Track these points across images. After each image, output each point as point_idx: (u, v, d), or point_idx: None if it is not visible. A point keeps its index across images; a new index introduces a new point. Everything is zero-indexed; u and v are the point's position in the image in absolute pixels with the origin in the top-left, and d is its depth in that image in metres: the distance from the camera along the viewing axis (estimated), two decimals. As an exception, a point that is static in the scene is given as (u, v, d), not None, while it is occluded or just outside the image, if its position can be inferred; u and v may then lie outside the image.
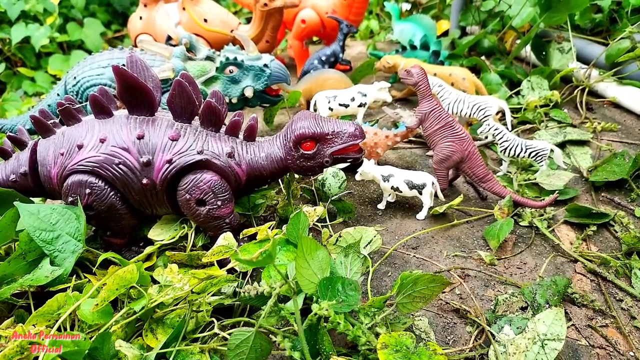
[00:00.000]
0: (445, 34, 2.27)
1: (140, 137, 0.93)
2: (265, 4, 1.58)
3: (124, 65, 1.35)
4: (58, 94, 1.43)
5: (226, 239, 0.90)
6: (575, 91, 1.68)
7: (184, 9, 1.65)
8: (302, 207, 1.07)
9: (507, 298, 0.92)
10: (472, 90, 1.53)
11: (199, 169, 0.95)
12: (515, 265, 1.04)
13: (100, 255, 0.96)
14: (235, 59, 1.33)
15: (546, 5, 1.70)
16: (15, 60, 2.97)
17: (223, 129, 1.01)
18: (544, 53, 1.80)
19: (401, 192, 1.15)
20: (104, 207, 0.95)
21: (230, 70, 1.34)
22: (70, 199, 0.94)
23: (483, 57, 1.86)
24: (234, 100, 1.37)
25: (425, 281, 0.82)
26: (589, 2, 1.67)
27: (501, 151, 1.28)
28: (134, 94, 0.93)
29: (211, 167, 0.96)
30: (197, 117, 1.00)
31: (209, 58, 1.35)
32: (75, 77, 1.37)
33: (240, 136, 1.02)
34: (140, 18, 1.68)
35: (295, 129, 0.97)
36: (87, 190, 0.93)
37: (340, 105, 1.49)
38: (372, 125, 1.35)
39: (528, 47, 1.88)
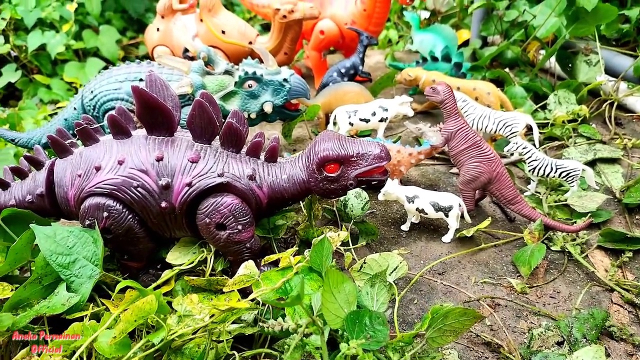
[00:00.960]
0: (466, 43, 2.23)
1: (159, 159, 0.91)
2: (285, 16, 1.55)
3: (141, 80, 1.33)
4: (75, 108, 1.41)
5: (248, 267, 0.87)
6: (604, 105, 1.63)
7: (201, 20, 1.63)
8: (326, 231, 1.04)
9: (542, 332, 0.87)
10: (497, 105, 1.48)
11: (220, 192, 0.93)
12: (548, 294, 1.00)
13: (116, 279, 0.94)
14: (255, 73, 1.30)
15: (573, 17, 1.65)
16: (31, 68, 2.98)
17: (244, 149, 0.99)
18: (570, 65, 1.75)
19: (426, 214, 1.11)
20: (122, 231, 0.92)
21: (249, 85, 1.32)
22: (87, 222, 0.92)
23: (507, 69, 1.81)
24: (253, 116, 1.34)
25: (457, 314, 0.79)
26: (617, 13, 1.62)
27: (530, 170, 1.24)
28: (153, 114, 0.91)
29: (232, 190, 0.93)
30: (217, 137, 0.97)
31: (227, 72, 1.33)
32: (92, 91, 1.36)
33: (262, 157, 0.99)
34: (158, 30, 1.66)
35: (319, 151, 0.94)
36: (105, 214, 0.91)
37: (361, 120, 1.46)
38: (394, 142, 1.31)
39: (552, 58, 1.83)
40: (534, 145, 1.39)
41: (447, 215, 1.10)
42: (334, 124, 1.50)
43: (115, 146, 0.93)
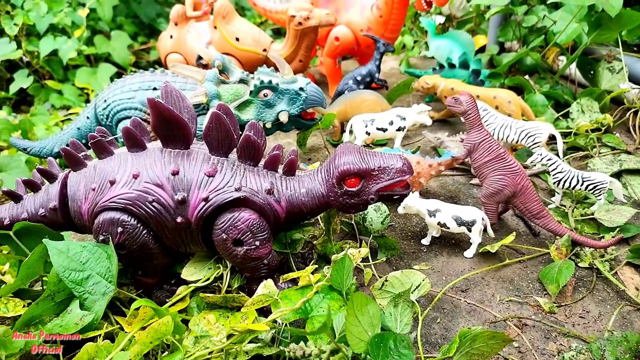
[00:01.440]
0: (482, 49, 2.19)
1: (174, 173, 0.88)
2: (300, 23, 1.53)
3: (155, 88, 1.31)
4: (88, 117, 1.40)
5: (267, 287, 0.84)
6: (627, 114, 1.58)
7: (215, 27, 1.61)
8: (346, 247, 1.01)
9: (573, 356, 0.83)
10: (518, 114, 1.45)
11: (237, 206, 0.90)
12: (577, 313, 0.96)
13: (130, 296, 0.92)
14: (270, 82, 1.28)
15: (596, 23, 1.61)
16: (43, 74, 2.98)
17: (262, 162, 0.96)
18: (592, 72, 1.71)
19: (448, 228, 1.08)
20: (136, 246, 0.90)
21: (264, 94, 1.29)
22: (101, 237, 0.90)
23: (527, 77, 1.77)
24: (268, 125, 1.32)
25: (485, 338, 0.75)
26: (641, 19, 1.58)
27: (554, 183, 1.20)
28: (169, 126, 0.89)
29: (249, 204, 0.90)
30: (234, 150, 0.95)
31: (242, 81, 1.30)
32: (105, 100, 1.34)
33: (280, 170, 0.97)
34: (171, 37, 1.65)
35: (339, 165, 0.91)
36: (119, 229, 0.88)
37: (378, 129, 1.43)
38: (413, 153, 1.28)
39: (573, 64, 1.79)
40: (558, 156, 1.35)
41: (469, 230, 1.07)
42: (350, 132, 1.48)
43: (130, 159, 0.91)
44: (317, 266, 0.94)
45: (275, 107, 1.31)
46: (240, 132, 1.07)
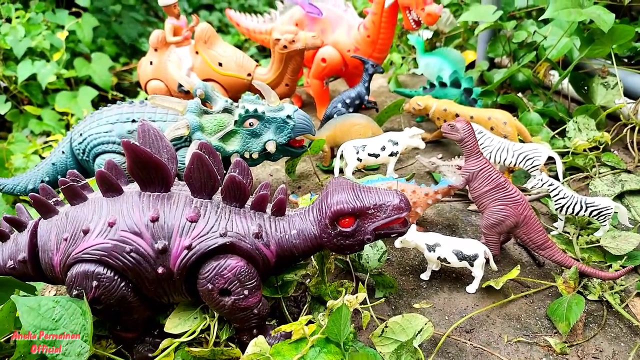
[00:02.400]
0: (471, 65, 2.16)
1: (154, 220, 0.82)
2: (285, 46, 1.48)
3: (134, 121, 1.25)
4: (63, 152, 1.33)
5: (257, 344, 0.78)
6: (625, 130, 1.54)
7: (197, 53, 1.55)
8: (342, 293, 0.95)
9: (592, 406, 0.77)
10: (514, 136, 1.40)
11: (223, 253, 0.83)
12: (591, 354, 0.90)
13: (108, 356, 0.85)
14: (256, 110, 1.22)
15: (588, 39, 1.58)
16: (21, 99, 2.90)
17: (249, 202, 0.90)
18: (585, 88, 1.68)
19: (449, 263, 1.02)
20: (114, 301, 0.83)
21: (250, 124, 1.23)
22: (75, 291, 0.83)
23: (520, 94, 1.73)
24: (255, 156, 1.26)
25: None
26: (634, 33, 1.55)
27: (557, 209, 1.15)
28: (147, 169, 0.82)
29: (236, 250, 0.84)
30: (219, 191, 0.88)
31: (226, 110, 1.24)
32: (81, 134, 1.27)
33: (268, 210, 0.90)
34: (151, 63, 1.59)
35: (332, 204, 0.85)
36: (94, 283, 0.81)
37: (369, 155, 1.37)
38: (408, 180, 1.22)
39: (565, 80, 1.76)
40: (557, 178, 1.30)
41: (471, 265, 1.01)
42: (341, 157, 1.42)
43: (105, 205, 0.84)
44: (311, 316, 0.87)
45: (262, 137, 1.25)
46: (225, 169, 1.01)
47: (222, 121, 1.23)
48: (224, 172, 0.93)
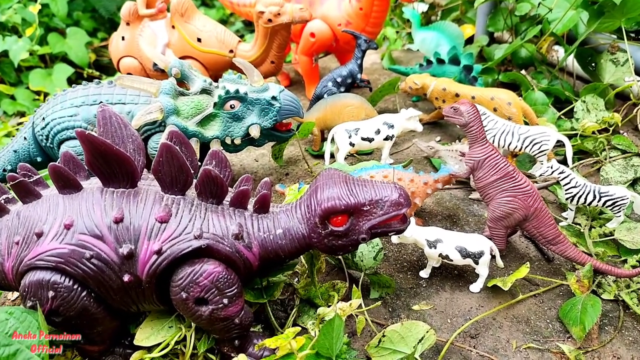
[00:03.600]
0: (470, 40, 2.04)
1: (118, 220, 0.72)
2: (270, 20, 1.36)
3: (103, 103, 1.13)
4: (25, 138, 1.21)
5: (238, 364, 0.68)
6: (635, 110, 1.45)
7: (173, 27, 1.43)
8: (334, 298, 0.86)
9: None
10: (519, 118, 1.30)
11: (198, 257, 0.74)
12: (608, 361, 0.83)
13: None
14: (237, 91, 1.11)
15: (598, 11, 1.47)
16: (-7, 77, 2.75)
17: (227, 198, 0.80)
18: (593, 65, 1.58)
19: (451, 260, 0.94)
20: (75, 312, 0.74)
21: (231, 106, 1.13)
22: (29, 303, 0.73)
23: (523, 71, 1.63)
24: (237, 141, 1.16)
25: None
26: (647, 5, 1.44)
27: (568, 199, 1.07)
28: (108, 163, 0.72)
29: (213, 254, 0.75)
30: (193, 185, 0.78)
31: (205, 91, 1.13)
32: (44, 118, 1.16)
33: (250, 207, 0.81)
34: (123, 39, 1.46)
35: (322, 200, 0.75)
36: (51, 293, 0.72)
37: (363, 139, 1.28)
38: (405, 167, 1.13)
39: (570, 56, 1.66)
40: (566, 163, 1.22)
41: (476, 263, 0.92)
42: (332, 141, 1.32)
43: (62, 204, 0.74)
44: (300, 324, 0.78)
45: (244, 120, 1.15)
46: (204, 156, 0.91)
47: (200, 103, 1.12)
48: (199, 164, 0.82)
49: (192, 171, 0.79)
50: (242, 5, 1.92)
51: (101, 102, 1.13)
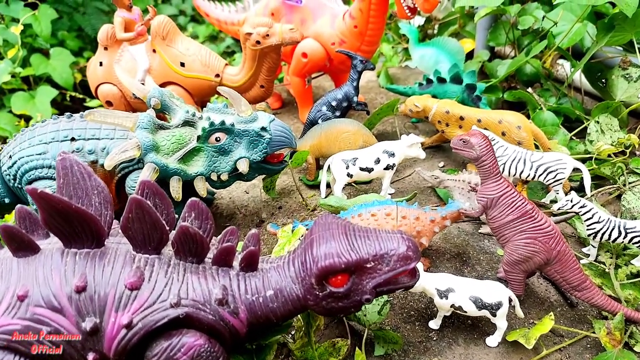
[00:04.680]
0: (469, 55, 1.96)
1: (80, 290, 0.63)
2: (258, 42, 1.26)
3: (73, 139, 1.04)
4: (-8, 176, 1.11)
5: None
6: (650, 129, 1.36)
7: (154, 51, 1.33)
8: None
9: None
10: (530, 143, 1.21)
11: (176, 329, 0.64)
12: None
13: None
14: (223, 123, 1.02)
15: (608, 25, 1.39)
16: (-26, 101, 2.65)
17: (210, 255, 0.70)
18: (603, 81, 1.50)
19: (465, 312, 0.84)
20: (30, 398, 0.63)
21: (216, 139, 1.03)
22: (-24, 387, 0.62)
23: (530, 90, 1.54)
24: (224, 177, 1.06)
25: None
26: (659, 16, 1.37)
27: (590, 235, 0.97)
28: (68, 222, 0.62)
29: (194, 324, 0.65)
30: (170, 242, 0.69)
31: (187, 123, 1.04)
32: (11, 157, 1.06)
33: (236, 264, 0.71)
34: (101, 64, 1.36)
35: (318, 258, 0.66)
36: (1, 377, 0.61)
37: (361, 169, 1.18)
38: (408, 201, 1.03)
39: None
40: (583, 190, 1.12)
41: (494, 315, 0.82)
42: (328, 170, 1.23)
43: (15, 270, 0.64)
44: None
45: (231, 154, 1.05)
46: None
47: (182, 137, 1.02)
48: (176, 216, 0.72)
49: (169, 225, 0.70)
50: (230, 23, 1.84)
51: (72, 138, 1.03)
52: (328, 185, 1.28)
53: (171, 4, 3.91)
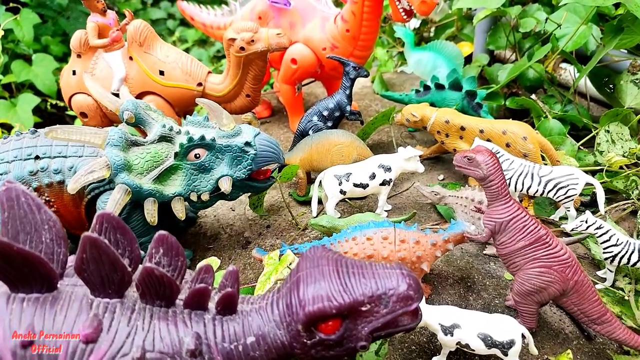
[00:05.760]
0: (468, 60, 1.88)
1: (26, 344, 0.53)
2: (242, 48, 1.18)
3: (37, 157, 0.95)
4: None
5: None
6: (662, 138, 1.29)
7: (131, 58, 1.24)
8: None
9: None
10: (537, 155, 1.13)
11: (140, 387, 0.55)
12: None
13: None
14: (203, 138, 0.93)
15: (617, 27, 1.32)
16: (-46, 110, 2.55)
17: (181, 296, 0.61)
18: (611, 86, 1.42)
19: (473, 350, 0.75)
20: None
21: (196, 155, 0.95)
22: None
23: (533, 96, 1.47)
24: (205, 197, 0.97)
25: None
26: (669, 18, 1.29)
27: (607, 259, 0.89)
28: (11, 265, 0.53)
29: (161, 381, 0.55)
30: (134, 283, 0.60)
31: (164, 138, 0.95)
32: (-31, 177, 0.96)
33: (212, 305, 0.62)
34: (74, 73, 1.27)
35: (305, 301, 0.57)
36: None
37: (356, 185, 1.10)
38: (406, 221, 0.95)
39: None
40: (595, 205, 1.04)
41: (505, 354, 0.74)
42: (320, 184, 1.14)
43: (-49, 320, 0.55)
44: None
45: (212, 172, 0.96)
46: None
47: (158, 154, 0.94)
48: (140, 253, 0.64)
49: (133, 264, 0.61)
50: (215, 27, 1.75)
51: (37, 156, 0.94)
52: (320, 202, 1.20)
53: (160, 7, 3.83)
